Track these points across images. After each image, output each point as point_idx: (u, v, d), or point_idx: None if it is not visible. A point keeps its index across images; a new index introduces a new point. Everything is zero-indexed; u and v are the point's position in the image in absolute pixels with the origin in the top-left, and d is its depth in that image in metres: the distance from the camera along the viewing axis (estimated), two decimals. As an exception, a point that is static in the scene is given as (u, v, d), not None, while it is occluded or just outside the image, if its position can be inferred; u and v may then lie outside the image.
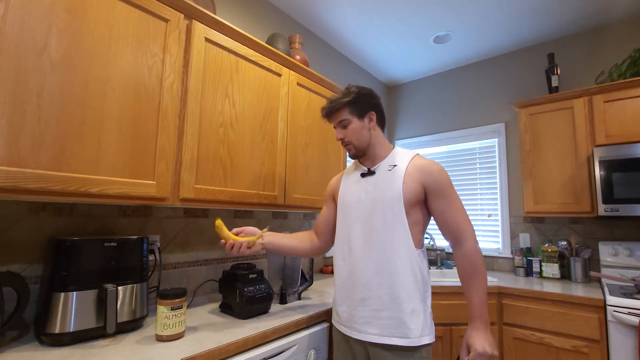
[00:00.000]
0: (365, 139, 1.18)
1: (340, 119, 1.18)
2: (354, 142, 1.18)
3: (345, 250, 1.17)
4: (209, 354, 0.96)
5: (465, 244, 1.09)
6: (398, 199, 1.08)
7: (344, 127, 1.18)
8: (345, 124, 1.18)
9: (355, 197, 1.18)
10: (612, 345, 1.59)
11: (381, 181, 1.14)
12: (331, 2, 2.15)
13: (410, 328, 1.02)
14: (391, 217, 1.09)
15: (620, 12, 2.21)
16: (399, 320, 1.03)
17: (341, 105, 1.17)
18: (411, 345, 1.02)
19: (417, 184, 1.10)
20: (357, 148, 1.18)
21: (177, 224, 1.54)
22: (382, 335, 1.04)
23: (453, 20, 2.32)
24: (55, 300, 0.97)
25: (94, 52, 1.01)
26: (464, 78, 2.96)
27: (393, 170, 1.14)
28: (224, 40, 1.38)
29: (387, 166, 1.16)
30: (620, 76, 2.09)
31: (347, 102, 1.16)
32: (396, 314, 1.04)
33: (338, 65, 2.73)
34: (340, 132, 1.19)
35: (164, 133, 1.16)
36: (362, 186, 1.18)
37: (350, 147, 1.19)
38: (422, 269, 1.09)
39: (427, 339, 1.04)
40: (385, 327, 1.04)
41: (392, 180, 1.11)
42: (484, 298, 1.06)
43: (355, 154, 1.20)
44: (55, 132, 0.92)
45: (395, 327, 1.03)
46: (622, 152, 1.86)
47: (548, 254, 2.21)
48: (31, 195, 0.88)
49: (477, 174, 2.81)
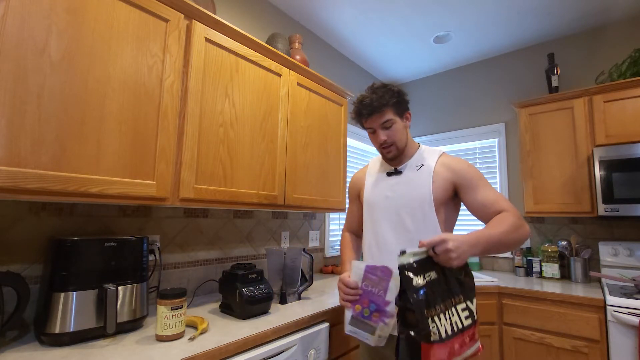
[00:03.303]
0: (405, 139, 1.17)
1: (384, 120, 1.12)
2: (397, 143, 1.14)
3: (373, 249, 1.16)
4: (209, 354, 0.96)
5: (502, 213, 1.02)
6: (428, 198, 1.09)
7: (387, 128, 1.13)
8: (388, 125, 1.13)
9: (382, 196, 1.18)
10: (612, 345, 1.59)
11: (409, 180, 1.14)
12: (331, 2, 2.15)
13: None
14: (422, 216, 1.09)
15: (620, 12, 2.21)
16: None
17: (387, 105, 1.11)
18: None
19: (446, 182, 1.10)
20: (399, 149, 1.15)
21: (177, 224, 1.54)
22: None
23: (453, 20, 2.32)
24: (55, 300, 0.97)
25: (94, 52, 1.01)
26: (464, 78, 2.96)
27: (421, 169, 1.14)
28: (224, 40, 1.38)
29: (414, 165, 1.16)
30: (620, 76, 2.09)
31: (394, 102, 1.12)
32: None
33: (338, 65, 2.73)
34: (384, 134, 1.13)
35: (164, 133, 1.16)
36: (389, 185, 1.18)
37: (393, 148, 1.15)
38: None
39: None
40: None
41: (421, 180, 1.12)
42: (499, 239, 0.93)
43: (395, 155, 1.16)
44: (55, 132, 0.92)
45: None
46: (622, 152, 1.86)
47: (548, 254, 2.21)
48: (31, 195, 0.88)
49: (477, 174, 2.81)
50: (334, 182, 1.97)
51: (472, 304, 0.92)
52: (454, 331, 0.84)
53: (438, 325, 0.81)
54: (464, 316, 0.88)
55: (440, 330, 0.81)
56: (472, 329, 0.90)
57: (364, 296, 1.05)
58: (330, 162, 1.96)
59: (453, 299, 0.88)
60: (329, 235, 2.48)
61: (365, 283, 1.05)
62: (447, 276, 0.89)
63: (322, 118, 1.92)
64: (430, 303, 0.82)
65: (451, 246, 0.84)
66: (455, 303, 0.88)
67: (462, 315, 0.88)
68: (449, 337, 0.82)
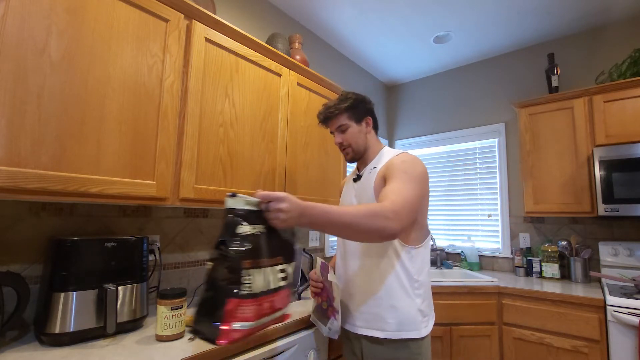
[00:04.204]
0: (362, 142, 1.22)
1: (338, 124, 1.21)
2: (353, 146, 1.21)
3: (341, 250, 1.23)
4: (209, 354, 0.96)
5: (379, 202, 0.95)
6: (371, 200, 1.11)
7: (342, 132, 1.21)
8: (344, 129, 1.21)
9: (348, 201, 1.25)
10: (612, 345, 1.59)
11: (364, 184, 1.18)
12: (331, 2, 2.15)
13: (387, 322, 1.05)
14: None
15: (620, 12, 2.21)
16: (377, 315, 1.07)
17: (340, 110, 1.20)
18: (387, 338, 1.04)
19: (381, 179, 1.10)
20: (355, 152, 1.22)
21: (177, 224, 1.54)
22: (366, 327, 1.09)
23: (453, 20, 2.32)
24: (55, 300, 0.97)
25: (94, 52, 1.01)
26: (464, 78, 2.96)
27: (372, 172, 1.17)
28: (224, 40, 1.38)
29: (369, 169, 1.19)
30: (620, 76, 2.09)
31: (346, 107, 1.20)
32: (374, 309, 1.08)
33: (338, 65, 2.73)
34: (339, 137, 1.22)
35: (164, 133, 1.16)
36: (354, 190, 1.23)
37: (349, 150, 1.22)
38: (408, 266, 1.08)
39: (410, 334, 1.04)
40: (367, 321, 1.09)
41: (369, 183, 1.15)
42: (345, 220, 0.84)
43: (352, 157, 1.24)
44: (55, 132, 0.92)
45: (374, 321, 1.07)
46: (622, 152, 1.86)
47: (548, 254, 2.21)
48: (31, 195, 0.88)
49: (477, 174, 2.81)
50: (334, 182, 1.97)
51: (291, 268, 0.90)
52: (267, 290, 0.79)
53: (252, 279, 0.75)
54: (280, 277, 0.85)
55: (253, 286, 0.75)
56: (285, 292, 0.87)
57: (324, 291, 1.17)
58: (330, 162, 1.96)
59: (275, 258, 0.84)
60: (329, 235, 2.48)
61: (323, 279, 1.16)
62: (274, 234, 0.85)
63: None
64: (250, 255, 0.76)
65: (284, 207, 0.79)
66: (275, 263, 0.84)
67: (279, 276, 0.84)
68: (260, 295, 0.77)
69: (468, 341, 1.92)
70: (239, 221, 0.77)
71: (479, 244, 2.71)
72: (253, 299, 0.75)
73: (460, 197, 2.88)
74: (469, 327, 1.93)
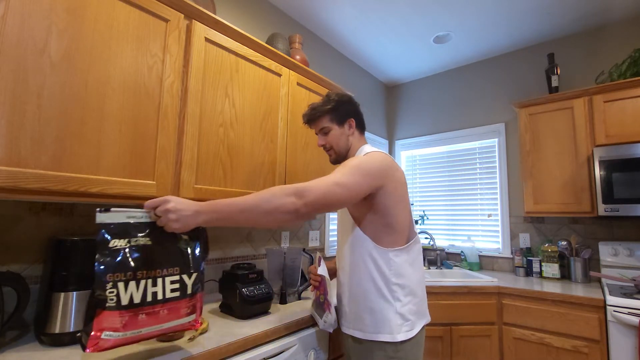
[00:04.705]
0: (344, 145, 1.23)
1: (321, 127, 1.24)
2: (335, 148, 1.24)
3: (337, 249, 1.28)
4: (209, 354, 0.96)
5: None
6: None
7: (325, 134, 1.24)
8: (326, 131, 1.23)
9: None
10: (612, 345, 1.59)
11: None
12: (331, 2, 2.15)
13: (365, 323, 1.07)
14: (343, 220, 1.18)
15: (620, 12, 2.21)
16: (357, 315, 1.10)
17: (322, 113, 1.22)
18: (365, 339, 1.06)
19: None
20: (337, 154, 1.24)
21: (177, 224, 1.54)
22: (349, 327, 1.12)
23: (453, 20, 2.32)
24: (55, 300, 0.97)
25: (94, 52, 1.01)
26: (464, 78, 2.96)
27: None
28: (224, 40, 1.38)
29: None
30: (620, 76, 2.09)
31: (328, 109, 1.21)
32: (355, 309, 1.10)
33: (338, 65, 2.73)
34: (322, 139, 1.25)
35: (164, 133, 1.16)
36: None
37: (332, 152, 1.25)
38: (384, 269, 1.06)
39: (385, 337, 1.03)
40: (350, 320, 1.12)
41: None
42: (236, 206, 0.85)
43: (335, 159, 1.26)
44: (55, 132, 0.92)
45: (355, 321, 1.10)
46: (622, 152, 1.86)
47: (548, 254, 2.21)
48: (31, 195, 0.88)
49: (477, 174, 2.81)
50: (334, 182, 1.97)
51: (190, 278, 0.89)
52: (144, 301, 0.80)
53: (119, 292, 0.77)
54: (170, 288, 0.85)
55: (121, 297, 0.77)
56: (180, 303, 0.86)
57: (322, 284, 1.21)
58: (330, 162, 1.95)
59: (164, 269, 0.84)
60: (329, 235, 2.48)
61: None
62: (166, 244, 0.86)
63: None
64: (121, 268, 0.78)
65: (170, 207, 0.80)
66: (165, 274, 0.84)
67: (169, 287, 0.85)
68: (132, 306, 0.78)
69: (468, 341, 1.92)
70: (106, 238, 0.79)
71: (479, 244, 2.71)
72: (121, 310, 0.77)
73: (460, 197, 2.88)
74: (469, 327, 1.93)
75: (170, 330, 0.85)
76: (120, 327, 0.76)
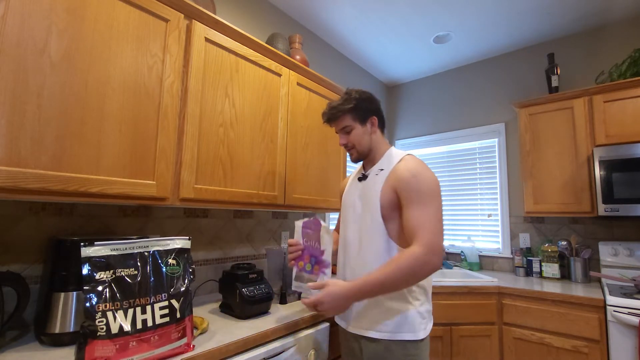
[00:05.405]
0: (367, 143, 1.20)
1: (342, 126, 1.20)
2: (357, 147, 1.19)
3: (342, 248, 1.22)
4: (209, 354, 0.96)
5: (411, 248, 0.98)
6: (376, 204, 1.10)
7: (347, 133, 1.20)
8: (348, 130, 1.19)
9: (352, 200, 1.22)
10: (612, 345, 1.59)
11: (369, 185, 1.16)
12: (331, 2, 2.15)
13: (385, 323, 1.06)
14: (371, 222, 1.11)
15: (620, 12, 2.21)
16: (375, 316, 1.08)
17: (343, 111, 1.18)
18: (384, 339, 1.05)
19: (391, 189, 1.09)
20: (359, 152, 1.20)
21: (177, 224, 1.54)
22: (364, 328, 1.09)
23: (453, 20, 2.32)
24: (55, 300, 0.97)
25: (94, 52, 1.01)
26: (464, 78, 2.96)
27: (380, 174, 1.15)
28: (224, 40, 1.38)
29: (376, 170, 1.18)
30: (620, 76, 2.09)
31: (349, 108, 1.17)
32: (373, 310, 1.08)
33: (338, 65, 2.73)
34: (344, 138, 1.21)
35: (164, 133, 1.16)
36: (358, 190, 1.22)
37: (353, 151, 1.21)
38: None
39: (408, 335, 1.04)
40: (366, 321, 1.09)
41: (375, 185, 1.13)
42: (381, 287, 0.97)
43: (357, 158, 1.22)
44: (55, 132, 0.92)
45: (373, 322, 1.08)
46: (622, 152, 1.86)
47: (548, 254, 2.21)
48: (31, 195, 0.88)
49: (477, 174, 2.81)
50: (334, 182, 1.97)
51: (178, 302, 0.93)
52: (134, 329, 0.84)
53: (109, 320, 0.81)
54: (160, 314, 0.89)
55: (111, 327, 0.81)
56: (167, 328, 0.90)
57: (306, 252, 1.16)
58: (330, 162, 1.96)
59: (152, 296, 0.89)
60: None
61: (305, 239, 1.16)
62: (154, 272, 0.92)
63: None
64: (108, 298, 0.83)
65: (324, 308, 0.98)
66: (153, 301, 0.89)
67: (158, 313, 0.89)
68: (123, 335, 0.82)
69: (468, 341, 1.92)
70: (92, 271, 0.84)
71: (479, 244, 2.71)
72: (112, 339, 0.81)
73: (460, 197, 2.88)
74: (469, 327, 1.93)
75: (163, 356, 0.88)
76: (112, 355, 0.80)
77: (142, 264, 0.91)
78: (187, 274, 0.98)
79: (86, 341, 0.79)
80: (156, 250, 0.95)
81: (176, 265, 0.96)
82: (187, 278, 0.97)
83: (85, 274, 0.83)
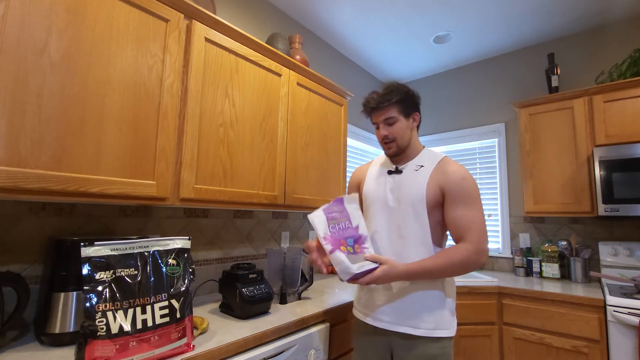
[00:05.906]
0: (408, 138, 1.19)
1: (387, 116, 1.16)
2: (398, 141, 1.17)
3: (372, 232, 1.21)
4: (209, 354, 0.96)
5: (464, 245, 1.05)
6: (422, 199, 1.11)
7: (390, 125, 1.17)
8: (391, 122, 1.17)
9: (381, 192, 1.20)
10: (612, 345, 1.59)
11: (408, 180, 1.16)
12: (331, 2, 2.15)
13: (421, 320, 1.07)
14: (414, 216, 1.11)
15: (620, 12, 2.21)
16: (412, 313, 1.08)
17: (391, 103, 1.15)
18: (420, 335, 1.06)
19: (437, 186, 1.11)
20: (399, 146, 1.18)
21: (177, 224, 1.54)
22: (399, 324, 1.09)
23: (453, 20, 2.32)
24: (55, 300, 0.97)
25: (94, 52, 1.01)
26: (464, 78, 2.96)
27: (420, 170, 1.16)
28: (224, 40, 1.38)
29: (414, 166, 1.18)
30: (620, 76, 2.09)
31: (398, 100, 1.16)
32: (409, 306, 1.09)
33: (338, 65, 2.73)
34: (385, 129, 1.17)
35: (164, 133, 1.16)
36: (389, 182, 1.20)
37: (393, 144, 1.18)
38: None
39: (444, 332, 1.07)
40: (400, 317, 1.09)
41: (417, 181, 1.14)
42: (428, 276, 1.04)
43: (395, 152, 1.19)
44: (55, 132, 0.92)
45: (409, 318, 1.08)
46: (622, 152, 1.86)
47: (548, 254, 2.21)
48: (31, 195, 0.88)
49: (477, 174, 2.81)
50: (334, 182, 1.97)
51: (178, 302, 0.94)
52: (134, 329, 0.84)
53: (109, 320, 0.81)
54: (160, 314, 0.89)
55: (111, 327, 0.81)
56: (167, 328, 0.90)
57: (338, 237, 1.05)
58: (330, 162, 1.96)
59: (152, 296, 0.89)
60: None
61: (332, 225, 1.08)
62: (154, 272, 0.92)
63: (322, 118, 1.92)
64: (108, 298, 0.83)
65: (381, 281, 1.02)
66: (153, 301, 0.89)
67: (158, 313, 0.89)
68: (122, 334, 0.82)
69: (468, 341, 1.92)
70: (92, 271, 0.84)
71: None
72: (112, 339, 0.81)
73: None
74: (469, 327, 1.93)
75: (163, 356, 0.88)
76: (112, 355, 0.80)
77: (142, 264, 0.91)
78: (187, 274, 0.98)
79: (86, 341, 0.79)
80: (156, 250, 0.95)
81: (176, 265, 0.96)
82: (187, 278, 0.97)
83: (85, 274, 0.83)
